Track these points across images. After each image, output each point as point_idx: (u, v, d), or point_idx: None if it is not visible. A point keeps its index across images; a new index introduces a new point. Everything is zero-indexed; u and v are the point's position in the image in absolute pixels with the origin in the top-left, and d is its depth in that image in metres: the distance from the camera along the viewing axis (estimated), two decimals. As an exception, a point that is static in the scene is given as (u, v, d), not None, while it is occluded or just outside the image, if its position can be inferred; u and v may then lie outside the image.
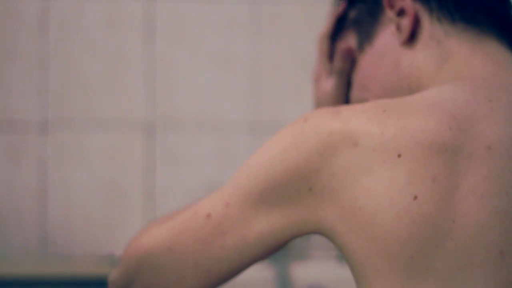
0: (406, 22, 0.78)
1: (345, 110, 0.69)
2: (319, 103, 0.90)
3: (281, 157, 0.69)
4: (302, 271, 1.80)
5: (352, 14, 0.86)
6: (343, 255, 0.69)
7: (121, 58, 1.95)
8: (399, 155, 0.65)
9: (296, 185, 0.69)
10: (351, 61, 0.87)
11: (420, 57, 0.77)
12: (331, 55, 0.90)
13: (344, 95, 0.90)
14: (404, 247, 0.64)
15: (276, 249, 0.73)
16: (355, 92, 0.86)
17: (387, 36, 0.80)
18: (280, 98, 1.98)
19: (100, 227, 1.93)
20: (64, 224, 1.92)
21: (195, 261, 0.73)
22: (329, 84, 0.88)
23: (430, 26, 0.77)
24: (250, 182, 0.71)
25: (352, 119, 0.67)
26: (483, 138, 0.67)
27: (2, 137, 1.92)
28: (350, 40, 0.86)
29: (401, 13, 0.78)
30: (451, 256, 0.64)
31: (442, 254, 0.64)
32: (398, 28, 0.79)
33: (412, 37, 0.78)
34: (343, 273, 1.76)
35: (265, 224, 0.71)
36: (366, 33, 0.83)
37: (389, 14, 0.79)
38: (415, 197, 0.64)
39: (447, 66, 0.75)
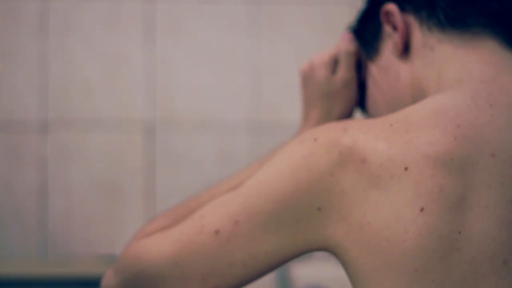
0: (397, 37, 0.79)
1: (353, 127, 0.69)
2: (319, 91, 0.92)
3: (292, 178, 0.69)
4: (302, 271, 1.80)
5: (363, 35, 0.88)
6: (346, 270, 0.69)
7: (121, 58, 1.94)
8: (406, 168, 0.65)
9: (306, 205, 0.68)
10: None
11: (417, 67, 0.78)
12: None
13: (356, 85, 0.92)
14: (409, 259, 0.64)
15: (282, 264, 0.73)
16: (370, 106, 0.88)
17: (388, 52, 0.82)
18: (280, 98, 1.98)
19: (100, 227, 1.93)
20: (64, 224, 1.92)
21: (202, 276, 0.73)
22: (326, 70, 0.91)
23: (422, 36, 0.78)
24: (260, 202, 0.70)
25: (360, 136, 0.67)
26: (487, 146, 0.67)
27: (2, 137, 1.91)
28: (362, 57, 0.88)
29: (395, 28, 0.80)
30: (456, 267, 0.64)
31: (447, 266, 0.64)
32: (393, 43, 0.80)
33: (406, 50, 0.79)
34: (343, 273, 1.76)
35: (273, 244, 0.70)
36: (373, 50, 0.85)
37: (387, 29, 0.81)
38: (422, 209, 0.64)
39: (445, 72, 0.76)
